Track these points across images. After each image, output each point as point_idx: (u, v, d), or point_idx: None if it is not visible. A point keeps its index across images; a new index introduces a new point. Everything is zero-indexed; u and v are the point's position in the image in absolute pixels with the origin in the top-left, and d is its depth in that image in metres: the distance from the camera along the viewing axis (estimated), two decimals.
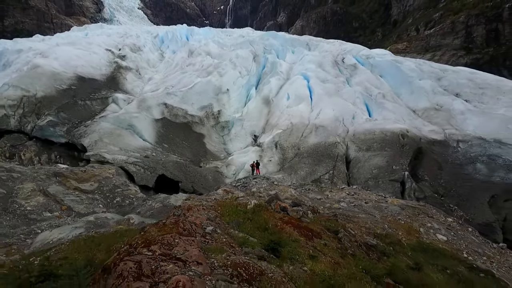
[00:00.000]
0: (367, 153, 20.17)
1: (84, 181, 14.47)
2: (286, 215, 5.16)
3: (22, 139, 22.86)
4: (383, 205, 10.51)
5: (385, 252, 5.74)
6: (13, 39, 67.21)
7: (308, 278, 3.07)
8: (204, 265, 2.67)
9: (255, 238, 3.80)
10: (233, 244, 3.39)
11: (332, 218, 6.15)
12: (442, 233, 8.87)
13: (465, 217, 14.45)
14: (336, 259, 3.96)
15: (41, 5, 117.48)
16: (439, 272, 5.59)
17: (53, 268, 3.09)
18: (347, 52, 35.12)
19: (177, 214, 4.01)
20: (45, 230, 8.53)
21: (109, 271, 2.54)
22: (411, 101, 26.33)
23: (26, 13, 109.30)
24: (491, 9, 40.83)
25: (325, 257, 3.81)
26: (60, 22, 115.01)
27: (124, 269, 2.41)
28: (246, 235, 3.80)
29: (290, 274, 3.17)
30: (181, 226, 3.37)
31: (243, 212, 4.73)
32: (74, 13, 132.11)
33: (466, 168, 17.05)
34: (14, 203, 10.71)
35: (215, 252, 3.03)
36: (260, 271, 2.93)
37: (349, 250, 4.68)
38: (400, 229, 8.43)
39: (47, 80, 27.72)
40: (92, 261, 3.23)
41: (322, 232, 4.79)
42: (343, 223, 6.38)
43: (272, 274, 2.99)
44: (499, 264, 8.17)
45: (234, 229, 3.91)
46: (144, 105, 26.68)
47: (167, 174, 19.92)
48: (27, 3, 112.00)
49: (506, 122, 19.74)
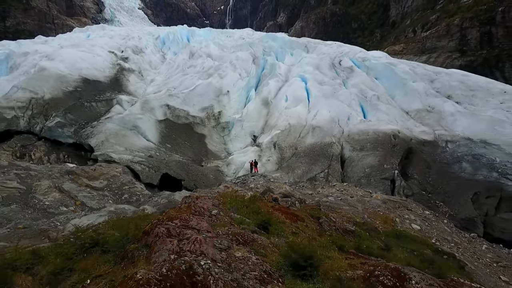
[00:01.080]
0: (360, 152, 21.19)
1: (94, 179, 15.51)
2: (277, 204, 6.19)
3: (32, 140, 23.90)
4: (366, 199, 11.55)
5: (360, 236, 6.74)
6: (15, 40, 68.27)
7: (287, 245, 4.10)
8: (212, 232, 3.69)
9: (250, 219, 4.83)
10: (233, 222, 4.41)
11: (316, 208, 7.20)
12: (417, 223, 9.91)
13: (450, 212, 15.48)
14: (314, 236, 4.98)
15: (42, 6, 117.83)
16: (406, 253, 6.59)
17: (100, 238, 4.12)
18: (344, 55, 36.10)
19: (188, 202, 5.02)
20: (64, 222, 9.58)
21: (148, 233, 3.59)
22: (404, 103, 27.33)
23: (27, 13, 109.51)
24: (484, 12, 41.80)
25: (304, 234, 4.83)
26: (61, 23, 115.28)
27: (159, 231, 3.45)
28: (243, 217, 4.82)
29: (275, 242, 4.20)
30: (193, 209, 4.38)
31: (241, 201, 5.75)
32: (75, 14, 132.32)
33: (452, 167, 18.07)
34: (34, 198, 11.75)
35: (219, 226, 4.04)
36: (252, 238, 3.97)
37: (327, 232, 5.70)
38: (378, 219, 9.46)
39: (54, 83, 28.76)
40: (126, 235, 4.27)
41: (306, 218, 5.82)
42: (326, 212, 7.41)
43: (261, 242, 4.02)
44: (465, 249, 9.19)
45: (234, 213, 4.93)
46: (147, 107, 27.69)
47: (171, 172, 20.95)
48: (29, 3, 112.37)
49: (493, 124, 20.73)
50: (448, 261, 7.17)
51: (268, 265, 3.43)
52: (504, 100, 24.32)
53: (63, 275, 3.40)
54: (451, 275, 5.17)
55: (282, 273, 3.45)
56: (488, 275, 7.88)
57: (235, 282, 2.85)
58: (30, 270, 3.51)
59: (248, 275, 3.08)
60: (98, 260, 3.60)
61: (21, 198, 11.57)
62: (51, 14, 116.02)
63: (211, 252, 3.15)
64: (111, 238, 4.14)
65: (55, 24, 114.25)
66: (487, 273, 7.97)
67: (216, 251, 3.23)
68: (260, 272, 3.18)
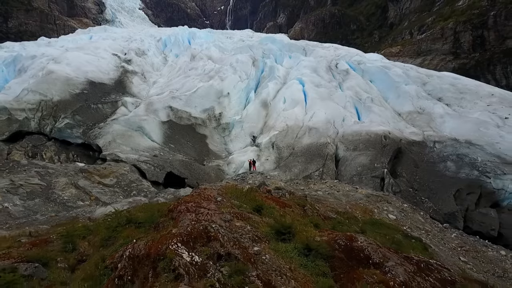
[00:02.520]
0: (353, 152, 22.46)
1: (105, 176, 16.79)
2: (270, 195, 7.45)
3: (42, 140, 25.17)
4: (351, 194, 12.80)
5: (339, 222, 7.98)
6: (17, 40, 69.42)
7: (275, 222, 5.35)
8: (218, 211, 4.95)
9: (247, 205, 6.08)
10: (233, 206, 5.65)
11: (303, 198, 8.45)
12: (394, 214, 11.14)
13: (434, 207, 16.75)
14: (297, 218, 6.22)
15: (44, 7, 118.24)
16: (379, 236, 7.81)
17: (132, 217, 5.38)
18: (340, 58, 37.34)
19: (198, 191, 6.26)
20: (83, 214, 10.84)
21: (172, 211, 4.86)
22: (397, 105, 28.58)
23: (29, 14, 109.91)
24: (477, 17, 43.03)
25: (290, 216, 6.08)
26: (63, 24, 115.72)
27: (180, 209, 4.71)
28: (241, 203, 6.06)
29: (265, 220, 5.46)
30: (202, 196, 5.63)
31: (240, 192, 6.99)
32: (77, 15, 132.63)
33: (438, 166, 19.32)
34: (54, 193, 13.02)
35: (224, 208, 5.28)
36: (248, 217, 5.24)
37: (310, 216, 6.93)
38: (358, 209, 10.69)
39: (61, 85, 30.01)
40: (152, 215, 5.53)
41: (293, 205, 7.06)
42: (312, 202, 8.65)
43: (255, 219, 5.28)
44: (434, 236, 10.44)
45: (234, 200, 6.17)
46: (151, 108, 28.96)
47: (174, 171, 22.24)
48: (30, 4, 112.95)
49: (478, 125, 21.99)
50: (414, 243, 8.41)
51: (259, 233, 4.70)
52: (491, 103, 25.58)
53: (111, 241, 4.65)
54: (410, 251, 6.43)
55: (269, 238, 4.72)
56: (450, 256, 9.11)
57: (236, 239, 4.11)
58: (85, 238, 4.75)
59: (244, 236, 4.34)
60: (135, 231, 4.86)
61: (43, 193, 12.85)
62: (52, 15, 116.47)
63: (218, 221, 4.41)
64: (141, 217, 5.40)
65: (56, 25, 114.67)
66: (449, 255, 9.20)
67: (222, 221, 4.49)
68: (253, 235, 4.45)
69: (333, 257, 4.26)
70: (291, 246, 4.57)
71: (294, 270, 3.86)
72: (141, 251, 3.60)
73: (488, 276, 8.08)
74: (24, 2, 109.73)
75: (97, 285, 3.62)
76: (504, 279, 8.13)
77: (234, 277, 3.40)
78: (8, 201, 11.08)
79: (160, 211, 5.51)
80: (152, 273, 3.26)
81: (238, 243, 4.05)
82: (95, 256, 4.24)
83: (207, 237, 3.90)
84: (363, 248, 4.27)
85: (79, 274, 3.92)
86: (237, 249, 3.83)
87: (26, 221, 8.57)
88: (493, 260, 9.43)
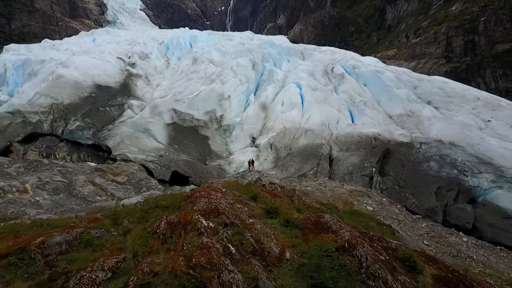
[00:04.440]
0: (346, 153, 24.11)
1: (117, 175, 18.45)
2: (264, 188, 9.09)
3: (55, 141, 26.85)
4: (336, 189, 14.43)
5: (322, 211, 9.58)
6: (20, 42, 70.79)
7: (266, 206, 7.00)
8: (224, 197, 6.58)
9: (245, 195, 7.72)
10: (235, 195, 7.28)
11: (292, 191, 10.09)
12: (372, 206, 12.74)
13: (416, 203, 18.39)
14: (284, 205, 7.85)
15: (46, 8, 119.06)
16: (354, 223, 9.44)
17: (158, 203, 7.02)
18: (336, 62, 38.95)
19: (207, 185, 7.91)
20: (103, 207, 12.48)
21: (190, 197, 6.51)
22: (389, 108, 30.19)
23: (32, 16, 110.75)
24: (468, 22, 44.64)
25: (279, 204, 7.71)
26: (65, 25, 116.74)
27: (196, 195, 6.35)
28: (241, 193, 7.69)
29: (259, 205, 7.11)
30: (211, 187, 7.26)
31: (240, 185, 8.63)
32: (78, 16, 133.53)
33: (422, 165, 20.95)
34: (75, 189, 14.67)
35: (227, 196, 6.91)
36: (246, 202, 6.87)
37: (295, 204, 8.55)
38: (340, 201, 12.30)
39: (71, 89, 31.71)
40: (173, 201, 7.17)
41: (282, 196, 8.69)
42: (299, 195, 10.28)
43: (251, 204, 6.91)
44: (405, 225, 12.05)
45: (235, 191, 7.80)
46: (156, 111, 30.61)
47: (179, 170, 23.91)
48: (33, 6, 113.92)
49: (462, 128, 23.57)
50: (384, 229, 10.01)
51: (253, 212, 6.33)
52: (476, 106, 27.16)
53: (145, 219, 6.27)
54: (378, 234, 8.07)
55: (260, 216, 6.36)
56: (414, 240, 10.71)
57: (236, 215, 5.75)
58: (124, 218, 6.38)
59: (242, 214, 5.98)
60: (162, 212, 6.48)
61: (66, 189, 14.50)
62: (55, 16, 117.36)
63: (224, 203, 6.03)
64: (165, 203, 7.05)
65: (59, 26, 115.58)
66: (414, 239, 10.80)
67: (226, 203, 6.10)
68: (249, 213, 6.07)
69: (305, 227, 5.90)
70: (276, 221, 6.22)
71: (276, 234, 5.50)
72: (174, 219, 5.23)
73: (444, 255, 9.70)
74: (26, 3, 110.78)
75: (146, 241, 5.21)
76: (456, 258, 9.74)
77: (235, 236, 5.02)
78: (38, 196, 12.73)
79: (178, 198, 7.14)
80: (183, 232, 4.88)
81: (239, 217, 5.68)
82: (137, 227, 5.86)
83: (217, 212, 5.53)
84: (326, 222, 5.89)
85: (130, 237, 5.53)
86: (237, 220, 5.46)
87: (66, 210, 10.23)
88: (452, 244, 11.04)
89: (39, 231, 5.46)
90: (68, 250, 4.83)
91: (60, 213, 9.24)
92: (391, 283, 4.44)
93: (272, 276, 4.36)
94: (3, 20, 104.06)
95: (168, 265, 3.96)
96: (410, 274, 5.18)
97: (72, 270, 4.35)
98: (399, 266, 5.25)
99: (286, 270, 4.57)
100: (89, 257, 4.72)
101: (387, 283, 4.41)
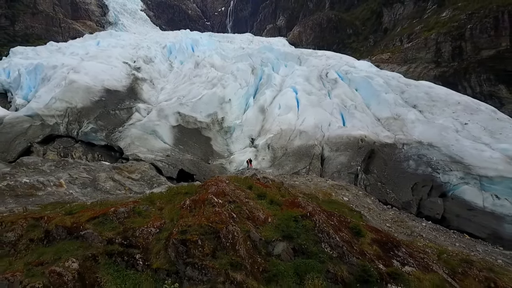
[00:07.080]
0: (335, 153, 26.62)
1: (132, 172, 20.97)
2: (258, 181, 11.62)
3: (71, 142, 29.37)
4: (320, 183, 16.93)
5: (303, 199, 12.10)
6: (23, 43, 72.90)
7: (258, 192, 9.54)
8: (228, 186, 9.09)
9: (243, 185, 10.25)
10: (235, 185, 9.81)
11: (280, 184, 12.61)
12: (348, 197, 15.21)
13: (395, 197, 20.91)
14: (272, 192, 10.36)
15: (49, 10, 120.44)
16: (330, 209, 11.93)
17: (180, 190, 9.51)
18: (330, 67, 41.43)
19: (214, 178, 10.42)
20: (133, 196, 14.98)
21: (204, 185, 9.02)
22: (377, 111, 32.66)
23: (35, 18, 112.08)
24: (456, 29, 47.10)
25: (268, 192, 10.22)
26: (68, 26, 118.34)
27: (208, 184, 8.85)
28: (240, 184, 10.24)
29: (253, 192, 9.63)
30: (217, 180, 9.76)
31: (239, 179, 11.18)
32: (80, 17, 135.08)
33: (402, 164, 23.45)
34: (99, 184, 17.19)
35: (230, 185, 9.43)
36: (244, 190, 9.39)
37: (281, 193, 11.04)
38: (320, 193, 14.78)
39: (83, 94, 34.22)
40: (191, 189, 9.67)
41: (272, 187, 11.21)
42: (286, 187, 12.78)
43: (247, 191, 9.42)
44: (374, 212, 14.52)
45: (236, 183, 10.34)
46: (162, 114, 33.12)
47: (185, 168, 26.44)
48: (36, 8, 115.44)
49: (441, 130, 26.04)
50: (354, 214, 12.45)
51: (249, 196, 8.84)
52: (456, 110, 29.63)
53: (171, 201, 8.78)
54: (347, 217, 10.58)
55: (253, 198, 8.90)
56: (378, 223, 13.15)
57: (237, 196, 8.27)
58: (157, 200, 8.90)
59: (241, 196, 8.47)
60: (183, 196, 8.99)
61: (91, 184, 17.02)
62: (57, 18, 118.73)
63: (228, 189, 8.54)
64: (185, 190, 9.60)
65: (61, 27, 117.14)
66: (379, 222, 13.27)
67: (230, 189, 8.62)
68: (246, 196, 8.58)
69: (283, 204, 8.44)
70: (264, 201, 8.78)
71: (263, 209, 8.03)
72: (196, 198, 7.76)
73: (399, 234, 12.16)
74: (29, 5, 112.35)
75: (177, 212, 7.70)
76: (409, 236, 12.21)
77: (236, 208, 7.55)
78: (71, 189, 15.24)
79: (194, 187, 9.68)
80: (203, 205, 7.39)
81: (238, 198, 8.20)
82: (168, 206, 8.36)
83: (224, 194, 8.04)
84: (299, 201, 8.41)
85: (165, 210, 8.03)
86: (237, 200, 7.98)
87: (102, 198, 12.77)
88: (410, 227, 13.50)
89: (103, 208, 7.97)
90: (129, 216, 7.36)
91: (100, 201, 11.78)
92: (332, 235, 6.93)
93: (259, 231, 6.86)
94: (7, 22, 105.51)
95: (196, 222, 6.44)
96: (354, 236, 7.66)
97: (135, 227, 6.86)
98: (346, 230, 7.72)
99: (268, 227, 7.11)
100: (142, 221, 7.24)
101: (329, 234, 6.91)
